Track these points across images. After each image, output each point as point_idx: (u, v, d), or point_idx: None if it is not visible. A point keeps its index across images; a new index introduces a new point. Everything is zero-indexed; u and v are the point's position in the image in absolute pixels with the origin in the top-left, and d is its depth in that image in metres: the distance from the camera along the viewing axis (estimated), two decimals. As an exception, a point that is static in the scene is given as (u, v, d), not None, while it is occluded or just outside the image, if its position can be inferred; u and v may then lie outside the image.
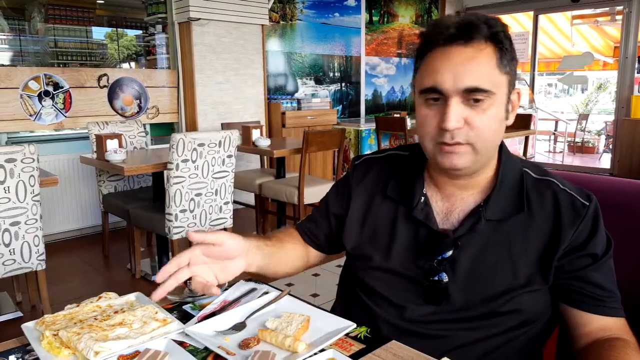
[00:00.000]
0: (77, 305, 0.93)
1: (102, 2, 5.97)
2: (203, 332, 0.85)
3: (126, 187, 3.55)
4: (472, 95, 0.82)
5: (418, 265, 0.93)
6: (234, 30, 4.65)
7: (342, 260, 1.13)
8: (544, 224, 0.89)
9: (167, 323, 0.87)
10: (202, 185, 2.85)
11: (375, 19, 6.36)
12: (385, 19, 6.50)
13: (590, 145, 9.24)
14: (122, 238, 3.70)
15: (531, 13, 7.20)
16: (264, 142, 3.67)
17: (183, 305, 0.99)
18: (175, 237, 2.81)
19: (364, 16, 6.17)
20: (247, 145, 3.72)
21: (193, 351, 0.81)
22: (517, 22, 8.42)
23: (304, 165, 3.37)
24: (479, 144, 0.85)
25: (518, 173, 0.94)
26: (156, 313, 0.89)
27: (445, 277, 0.90)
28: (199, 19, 4.33)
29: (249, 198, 4.20)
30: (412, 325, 0.91)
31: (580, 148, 9.05)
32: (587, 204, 0.89)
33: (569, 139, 9.11)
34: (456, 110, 0.82)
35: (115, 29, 6.01)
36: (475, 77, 0.82)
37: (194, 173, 2.80)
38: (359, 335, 0.87)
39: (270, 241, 1.03)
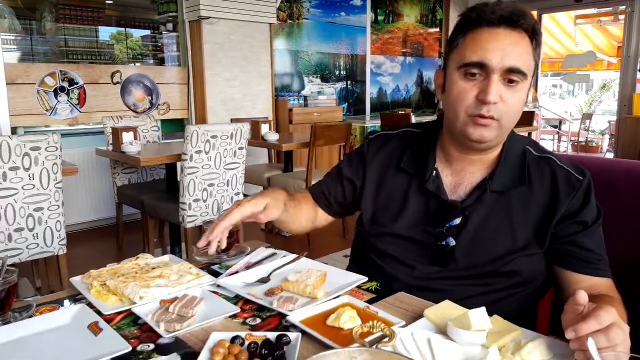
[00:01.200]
0: (118, 264, 1.04)
1: (112, 2, 6.10)
2: (233, 283, 0.96)
3: (139, 179, 3.66)
4: (511, 75, 0.92)
5: (427, 231, 1.03)
6: (242, 29, 4.76)
7: (347, 251, 1.21)
8: (542, 195, 1.00)
9: (200, 276, 0.98)
10: (215, 175, 2.96)
11: (380, 18, 6.47)
12: (391, 18, 6.61)
13: (594, 144, 9.30)
14: (135, 229, 3.81)
15: (535, 12, 7.29)
16: (273, 136, 3.78)
17: (211, 265, 1.10)
18: (188, 225, 2.92)
19: (369, 15, 6.28)
20: (256, 139, 3.84)
21: (224, 299, 0.92)
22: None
23: (312, 158, 3.48)
24: (505, 120, 0.95)
25: (521, 150, 1.05)
26: (190, 268, 1.00)
27: (452, 242, 1.01)
28: (209, 17, 4.45)
29: (258, 192, 4.30)
30: (420, 281, 1.02)
31: (584, 147, 9.12)
32: (581, 178, 1.00)
33: (572, 138, 9.18)
34: (497, 86, 0.92)
35: (123, 29, 6.12)
36: (518, 59, 0.92)
37: (206, 164, 2.91)
38: (370, 288, 0.98)
39: (292, 202, 1.13)
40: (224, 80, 4.72)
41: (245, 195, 3.32)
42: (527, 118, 4.84)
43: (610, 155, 8.16)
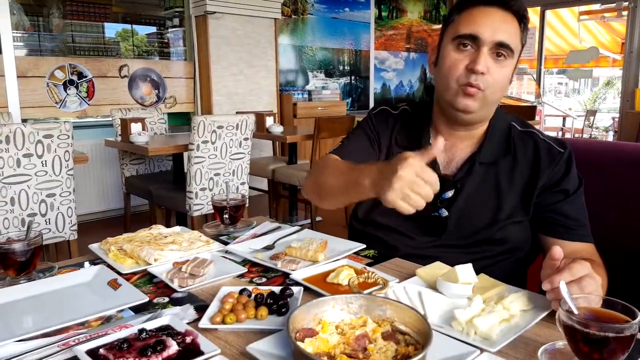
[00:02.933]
0: (132, 233, 1.11)
1: (118, -2, 6.18)
2: (241, 249, 1.03)
3: (147, 170, 3.74)
4: (500, 49, 1.01)
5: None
6: (248, 24, 4.83)
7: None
8: (525, 167, 1.07)
9: (210, 244, 1.05)
10: (221, 165, 3.04)
11: (384, 14, 6.52)
12: (395, 14, 6.66)
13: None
14: (143, 220, 3.89)
15: (538, 8, 7.32)
16: (277, 129, 3.85)
17: (220, 236, 1.17)
18: (195, 213, 3.00)
19: (373, 11, 6.34)
20: (261, 131, 3.91)
21: (232, 262, 0.99)
22: (524, 18, 8.51)
23: (315, 150, 3.54)
24: (489, 92, 1.02)
25: (506, 125, 1.12)
26: (200, 237, 1.07)
27: (444, 213, 1.08)
28: (215, 12, 4.52)
29: (263, 185, 4.38)
30: (416, 250, 1.08)
31: (587, 144, 9.11)
32: (562, 150, 1.07)
33: (576, 135, 9.20)
34: (486, 58, 1.00)
35: (129, 26, 6.19)
36: (508, 35, 1.01)
37: (213, 154, 2.98)
38: (368, 254, 1.05)
39: None
40: (230, 74, 4.79)
41: (249, 189, 3.39)
42: (528, 113, 4.88)
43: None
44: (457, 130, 1.11)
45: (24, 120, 3.91)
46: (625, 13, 6.91)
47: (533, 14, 8.13)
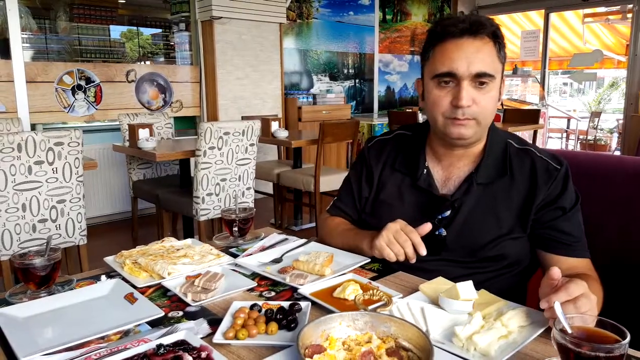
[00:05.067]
0: (146, 246, 1.16)
1: (124, 1, 6.24)
2: (250, 262, 1.08)
3: (154, 175, 3.80)
4: (480, 79, 1.03)
5: (422, 224, 1.13)
6: (253, 28, 4.88)
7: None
8: (523, 184, 1.11)
9: (221, 257, 1.09)
10: (227, 171, 3.08)
11: (388, 17, 6.55)
12: (399, 18, 6.69)
13: (603, 142, 9.31)
14: (150, 223, 3.95)
15: (542, 11, 7.33)
16: (282, 134, 3.89)
17: (229, 249, 1.21)
18: (202, 218, 3.04)
19: (377, 15, 6.37)
20: (266, 136, 3.95)
21: (243, 275, 1.03)
22: (528, 20, 8.54)
23: (320, 155, 3.59)
24: (481, 118, 1.06)
25: (503, 144, 1.15)
26: (211, 250, 1.12)
27: (443, 232, 1.12)
28: (221, 17, 4.57)
29: (268, 188, 4.43)
30: (417, 263, 1.12)
31: (592, 146, 9.13)
32: (559, 167, 1.10)
33: (581, 136, 9.19)
34: (468, 91, 1.03)
35: (135, 27, 6.25)
36: (484, 64, 1.03)
37: (219, 160, 3.03)
38: (372, 268, 1.08)
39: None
40: (235, 78, 4.84)
41: (256, 191, 3.43)
42: (532, 116, 4.91)
43: (617, 154, 8.17)
44: (454, 150, 1.14)
45: (33, 126, 3.98)
46: (629, 16, 6.91)
47: (538, 16, 8.14)
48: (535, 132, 5.19)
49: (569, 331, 0.66)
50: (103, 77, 4.23)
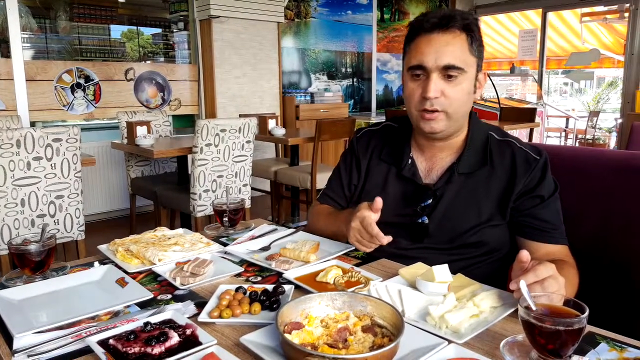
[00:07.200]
0: (138, 235, 1.19)
1: (124, 1, 6.28)
2: (239, 250, 1.11)
3: (152, 172, 3.83)
4: (448, 71, 1.07)
5: (405, 212, 1.18)
6: (251, 27, 4.92)
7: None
8: (503, 174, 1.15)
9: (210, 245, 1.13)
10: (224, 167, 3.12)
11: (386, 16, 6.59)
12: (397, 17, 6.73)
13: (601, 142, 9.34)
14: (148, 220, 3.99)
15: (540, 10, 7.36)
16: (279, 131, 3.93)
17: (220, 238, 1.25)
18: (199, 214, 3.08)
19: (375, 14, 6.41)
20: (263, 134, 3.99)
21: (231, 262, 1.07)
22: (526, 19, 8.57)
23: (317, 152, 3.62)
24: (451, 111, 1.10)
25: (484, 135, 1.19)
26: (201, 239, 1.15)
27: (426, 220, 1.16)
28: (219, 16, 4.60)
29: (265, 186, 4.47)
30: (400, 251, 1.16)
31: (590, 145, 9.15)
32: (538, 157, 1.14)
33: (579, 136, 9.22)
34: (436, 83, 1.08)
35: (135, 27, 6.29)
36: (452, 56, 1.07)
37: (216, 156, 3.06)
38: (357, 255, 1.12)
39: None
40: (233, 77, 4.88)
41: (252, 190, 3.47)
42: (528, 115, 4.94)
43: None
44: (434, 142, 1.19)
45: (33, 123, 4.01)
46: (627, 15, 6.94)
47: (535, 15, 8.18)
48: (531, 131, 5.22)
49: (534, 308, 0.70)
50: (102, 76, 4.27)
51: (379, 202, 1.01)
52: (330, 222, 1.24)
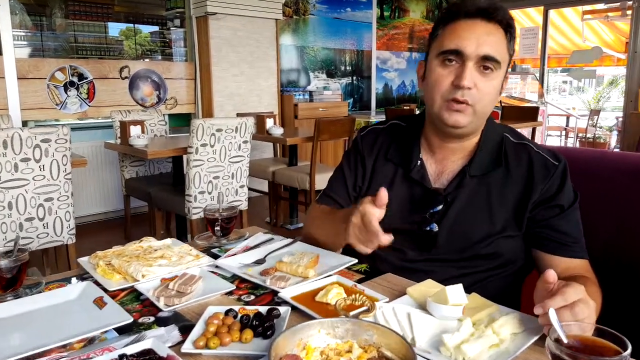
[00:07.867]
0: (122, 246, 1.10)
1: (120, -2, 6.18)
2: (231, 264, 1.02)
3: (147, 173, 3.74)
4: (486, 62, 0.99)
5: (412, 219, 1.08)
6: (249, 25, 4.81)
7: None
8: (519, 180, 1.05)
9: (200, 258, 1.04)
10: (220, 168, 3.02)
11: (386, 14, 6.49)
12: (397, 14, 6.63)
13: (602, 140, 9.25)
14: (142, 222, 3.89)
15: (541, 8, 7.27)
16: (277, 131, 3.83)
17: (211, 249, 1.16)
18: (194, 217, 2.99)
19: (375, 11, 6.31)
20: (261, 133, 3.89)
21: (222, 278, 0.98)
22: (527, 17, 8.48)
23: (316, 152, 3.53)
24: (479, 107, 1.01)
25: (499, 136, 1.10)
26: (190, 250, 1.06)
27: (435, 227, 1.06)
28: (216, 13, 4.50)
29: (263, 186, 4.37)
30: (406, 263, 1.07)
31: (591, 144, 9.07)
32: (557, 164, 1.05)
33: (580, 134, 9.14)
34: (471, 72, 0.98)
35: (132, 25, 6.20)
36: (493, 48, 0.98)
37: (212, 157, 2.97)
38: (360, 269, 1.03)
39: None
40: (231, 75, 4.78)
41: (249, 190, 3.38)
42: (531, 113, 4.85)
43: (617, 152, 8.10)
44: (449, 142, 1.09)
45: (25, 123, 3.91)
46: (629, 12, 6.85)
47: (536, 13, 8.08)
48: (533, 130, 5.14)
49: (565, 341, 0.61)
50: (96, 74, 4.17)
51: (383, 195, 0.87)
52: (328, 221, 1.11)
